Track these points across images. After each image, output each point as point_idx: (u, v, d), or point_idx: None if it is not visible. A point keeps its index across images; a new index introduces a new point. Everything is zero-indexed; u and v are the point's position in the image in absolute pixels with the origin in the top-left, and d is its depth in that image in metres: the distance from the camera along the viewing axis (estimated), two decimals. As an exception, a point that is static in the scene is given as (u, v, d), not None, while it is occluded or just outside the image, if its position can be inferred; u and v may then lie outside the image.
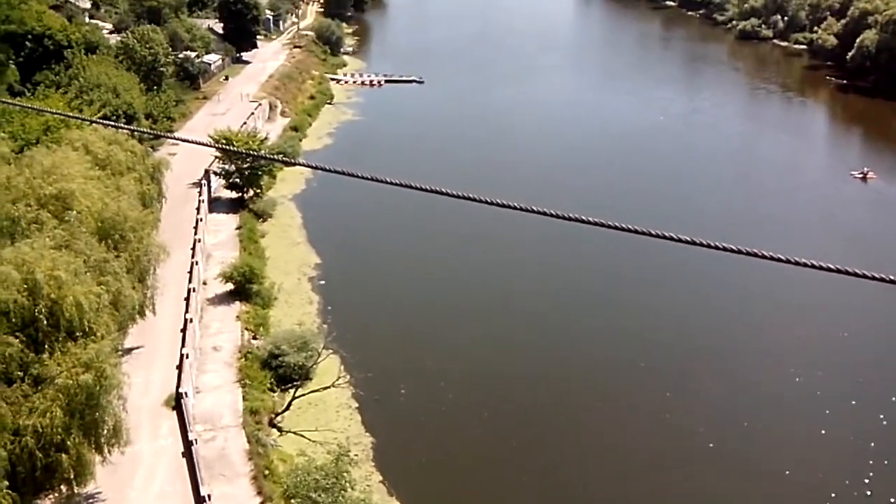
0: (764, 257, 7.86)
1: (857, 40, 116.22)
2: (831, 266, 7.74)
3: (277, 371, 41.91)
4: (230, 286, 49.83)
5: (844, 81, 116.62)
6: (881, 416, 41.64)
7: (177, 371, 38.87)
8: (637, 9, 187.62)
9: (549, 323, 50.56)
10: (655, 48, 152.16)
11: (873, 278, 7.61)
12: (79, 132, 44.79)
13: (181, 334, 41.77)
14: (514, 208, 8.70)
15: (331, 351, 42.62)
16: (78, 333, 28.81)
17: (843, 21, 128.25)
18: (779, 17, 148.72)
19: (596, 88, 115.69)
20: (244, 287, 49.55)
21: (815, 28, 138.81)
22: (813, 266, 7.75)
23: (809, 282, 51.64)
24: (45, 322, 28.01)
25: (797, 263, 7.79)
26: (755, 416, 41.49)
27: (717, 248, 8.12)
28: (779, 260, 7.86)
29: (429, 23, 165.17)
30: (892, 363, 47.16)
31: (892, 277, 7.59)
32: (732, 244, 7.97)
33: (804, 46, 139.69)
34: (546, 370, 45.19)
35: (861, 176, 77.78)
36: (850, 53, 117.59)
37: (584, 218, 8.45)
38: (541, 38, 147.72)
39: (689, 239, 8.16)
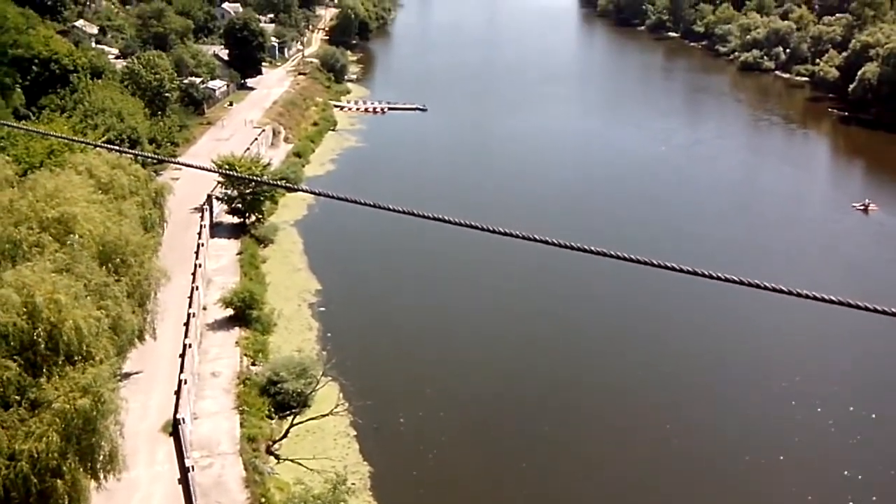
0: (766, 288, 7.81)
1: (859, 73, 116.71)
2: (833, 298, 7.68)
3: (276, 398, 41.72)
4: (230, 311, 49.75)
5: (846, 113, 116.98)
6: (884, 450, 41.32)
7: (175, 396, 38.68)
8: (639, 40, 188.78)
9: (549, 351, 50.32)
10: (658, 79, 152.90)
11: (875, 311, 7.55)
12: (82, 156, 44.91)
13: (180, 359, 41.62)
14: (516, 236, 8.66)
15: (330, 378, 42.43)
16: (76, 357, 28.66)
17: (844, 54, 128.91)
18: (781, 49, 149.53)
19: (598, 118, 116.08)
20: (244, 312, 49.46)
21: (817, 60, 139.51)
22: (815, 298, 7.70)
23: (811, 313, 51.40)
24: (43, 346, 27.88)
25: (799, 295, 7.76)
26: (756, 447, 41.16)
27: (719, 278, 8.06)
28: (781, 291, 7.81)
29: (432, 51, 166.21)
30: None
31: (894, 310, 7.53)
32: (734, 275, 7.92)
33: (806, 78, 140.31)
34: (547, 399, 44.96)
35: (863, 207, 77.79)
36: (851, 86, 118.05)
37: (585, 247, 8.41)
38: (544, 68, 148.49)
39: (691, 269, 8.13)
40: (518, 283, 59.11)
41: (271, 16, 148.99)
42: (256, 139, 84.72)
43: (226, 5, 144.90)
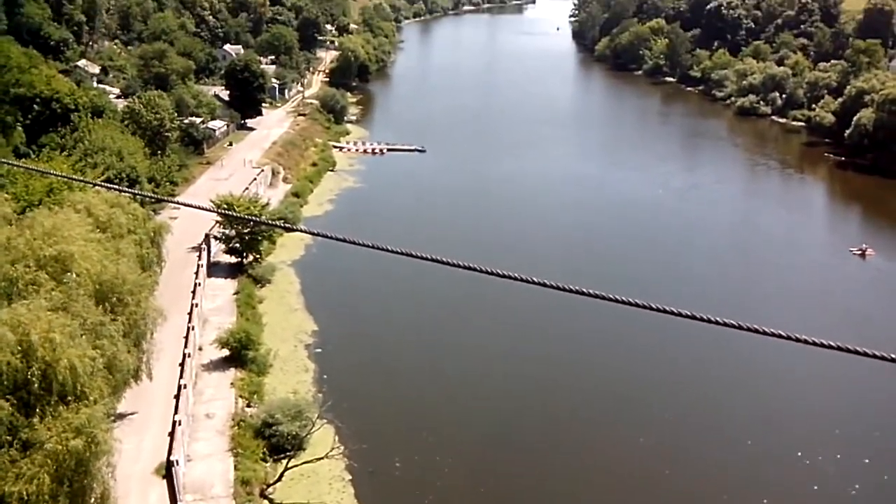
0: (765, 333, 7.81)
1: (855, 118, 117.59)
2: (832, 343, 7.67)
3: (270, 440, 41.34)
4: (226, 352, 49.53)
5: (843, 158, 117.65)
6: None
7: (168, 438, 38.32)
8: (637, 84, 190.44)
9: (547, 394, 50.01)
10: (655, 122, 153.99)
11: (874, 356, 7.52)
12: (81, 194, 45.04)
13: (174, 400, 41.32)
14: (513, 279, 8.63)
15: (325, 421, 42.11)
16: (70, 397, 28.45)
17: (839, 99, 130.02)
18: (777, 94, 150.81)
19: (597, 161, 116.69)
20: (240, 353, 49.23)
21: (813, 106, 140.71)
22: (813, 343, 7.69)
23: (810, 358, 51.22)
24: (37, 385, 27.68)
25: (797, 340, 7.76)
26: (755, 491, 40.77)
27: (717, 323, 8.04)
28: (779, 336, 7.80)
29: (431, 93, 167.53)
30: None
31: (893, 356, 7.50)
32: (732, 319, 7.89)
33: (802, 123, 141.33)
34: (545, 442, 44.59)
35: (860, 252, 77.92)
36: (847, 131, 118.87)
37: (583, 290, 8.39)
38: (542, 111, 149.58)
39: (689, 314, 8.12)
40: (516, 324, 58.96)
41: (272, 57, 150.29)
42: (255, 179, 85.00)
43: (227, 47, 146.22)
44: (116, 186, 51.07)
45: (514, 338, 57.40)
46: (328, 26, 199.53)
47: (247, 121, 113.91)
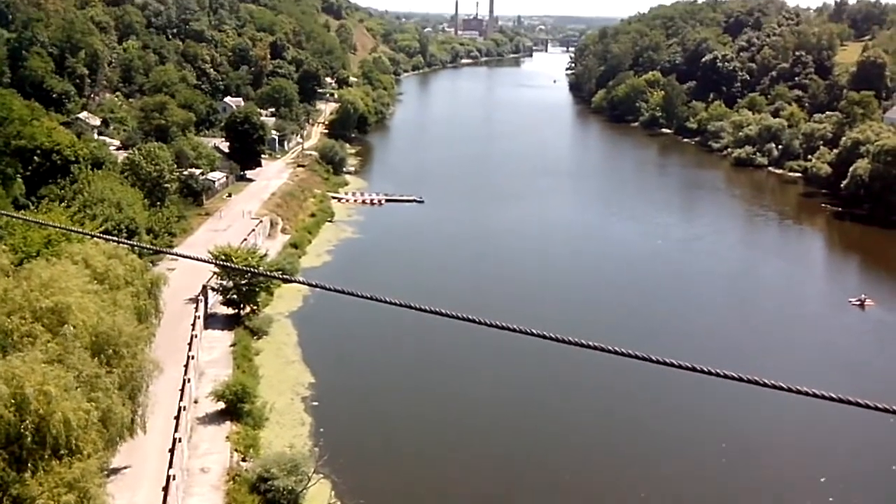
0: (765, 385, 7.81)
1: (851, 169, 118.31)
2: (833, 395, 7.63)
3: (266, 495, 40.68)
4: (221, 405, 49.07)
5: (840, 209, 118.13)
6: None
7: (162, 493, 37.71)
8: (633, 136, 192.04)
9: (547, 446, 49.46)
10: (653, 173, 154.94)
11: (876, 408, 7.47)
12: (79, 246, 45.04)
13: (169, 454, 40.77)
14: (512, 330, 8.57)
15: (321, 475, 41.55)
16: (64, 451, 28.12)
17: (835, 150, 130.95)
18: (773, 145, 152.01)
19: (595, 212, 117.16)
20: (235, 406, 48.75)
21: (809, 156, 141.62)
22: (814, 395, 7.67)
23: (810, 409, 50.78)
24: (30, 439, 27.36)
25: (798, 392, 7.74)
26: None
27: (717, 374, 7.99)
28: (780, 388, 7.80)
29: (430, 144, 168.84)
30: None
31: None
32: (733, 371, 7.85)
33: (799, 174, 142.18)
34: (546, 496, 43.94)
35: (859, 303, 77.78)
36: (844, 182, 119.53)
37: (583, 342, 8.32)
38: (541, 162, 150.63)
39: (689, 365, 8.09)
40: (516, 376, 58.50)
41: (272, 109, 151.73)
42: (254, 230, 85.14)
43: (228, 99, 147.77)
44: (115, 238, 51.17)
45: (515, 389, 56.92)
46: (328, 79, 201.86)
47: (246, 172, 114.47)
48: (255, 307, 66.02)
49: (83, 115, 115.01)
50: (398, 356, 62.01)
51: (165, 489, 37.71)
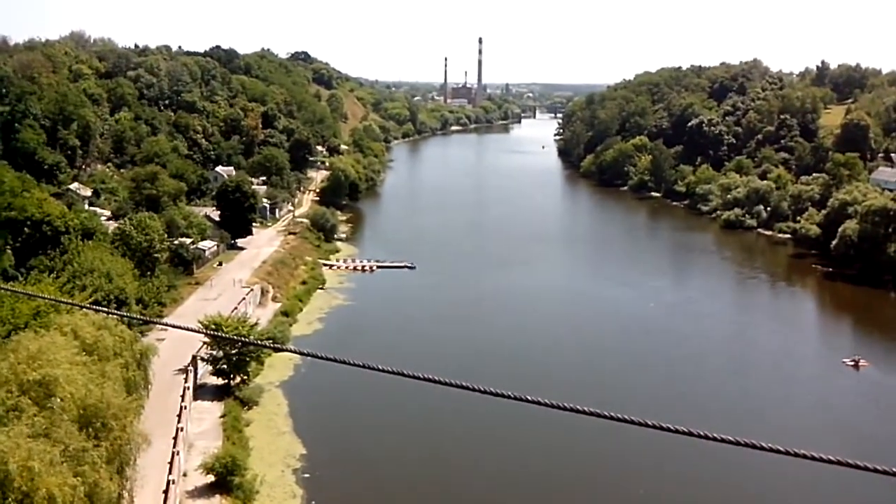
0: (762, 448, 7.79)
1: (840, 230, 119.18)
2: (831, 458, 7.58)
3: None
4: (211, 477, 48.27)
5: (830, 269, 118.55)
6: None
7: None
8: (623, 200, 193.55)
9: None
10: (643, 237, 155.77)
11: (875, 470, 7.40)
12: (68, 317, 44.69)
13: (158, 529, 39.91)
14: (505, 397, 8.49)
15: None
16: (48, 529, 27.45)
17: (823, 211, 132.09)
18: (762, 207, 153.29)
19: (586, 276, 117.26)
20: (225, 479, 47.98)
21: (798, 218, 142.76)
22: (812, 458, 7.65)
23: (808, 472, 50.18)
24: (13, 516, 26.75)
25: (796, 455, 7.67)
26: None
27: (714, 438, 7.91)
28: (777, 451, 7.78)
29: (421, 211, 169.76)
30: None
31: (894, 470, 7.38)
32: (728, 434, 7.78)
33: (788, 235, 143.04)
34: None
35: (853, 364, 77.56)
36: (833, 242, 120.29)
37: (577, 407, 8.25)
38: (531, 227, 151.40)
39: (686, 430, 8.07)
40: (512, 442, 57.76)
41: (263, 178, 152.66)
42: (244, 299, 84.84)
43: (219, 168, 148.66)
44: (104, 308, 50.82)
45: (512, 456, 56.19)
46: (319, 147, 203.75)
47: (237, 240, 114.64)
48: (245, 377, 65.39)
49: (74, 185, 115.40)
50: (391, 425, 61.22)
51: (153, 566, 36.81)
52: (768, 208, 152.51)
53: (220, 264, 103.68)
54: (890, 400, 71.52)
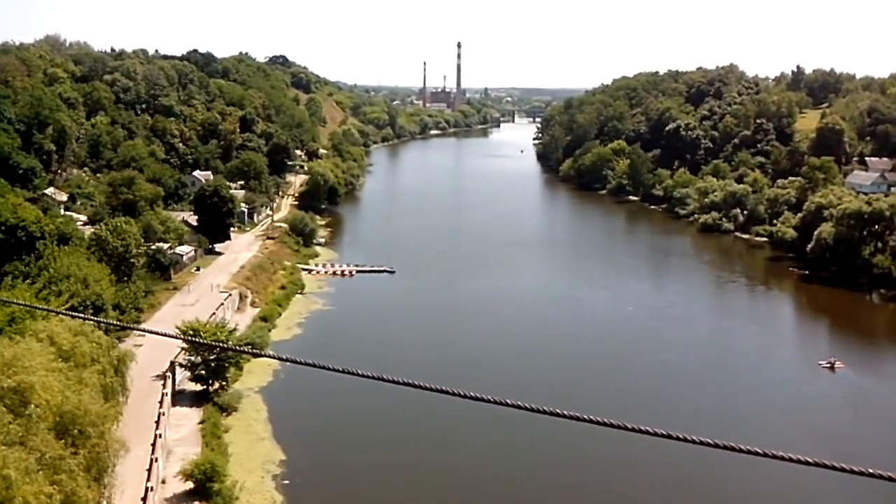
0: (740, 451, 7.83)
1: (816, 233, 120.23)
2: (808, 459, 7.68)
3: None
4: (190, 484, 47.92)
5: (807, 272, 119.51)
6: None
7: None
8: (601, 204, 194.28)
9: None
10: (622, 240, 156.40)
11: (851, 471, 7.49)
12: (44, 323, 44.28)
13: (136, 537, 39.59)
14: (485, 401, 8.48)
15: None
16: (24, 538, 27.16)
17: (799, 214, 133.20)
18: (738, 210, 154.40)
19: (565, 279, 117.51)
20: (205, 486, 47.64)
21: (775, 221, 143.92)
22: (789, 459, 7.72)
23: (785, 473, 50.56)
24: (-12, 525, 26.45)
25: (774, 457, 7.73)
26: None
27: (693, 441, 7.96)
28: (755, 453, 7.85)
29: (400, 215, 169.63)
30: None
31: (870, 471, 7.43)
32: (707, 437, 7.82)
33: (765, 238, 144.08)
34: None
35: (829, 365, 78.26)
36: (809, 245, 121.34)
37: (556, 411, 8.26)
38: (511, 231, 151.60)
39: (665, 433, 8.06)
40: (492, 446, 57.76)
41: (241, 182, 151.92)
42: (223, 304, 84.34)
43: (197, 173, 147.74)
44: (80, 314, 50.38)
45: (492, 461, 56.13)
46: (298, 151, 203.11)
47: (215, 245, 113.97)
48: (224, 383, 64.99)
49: (50, 190, 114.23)
50: (371, 430, 61.02)
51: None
52: (745, 212, 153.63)
53: (198, 269, 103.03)
54: (864, 401, 72.24)
